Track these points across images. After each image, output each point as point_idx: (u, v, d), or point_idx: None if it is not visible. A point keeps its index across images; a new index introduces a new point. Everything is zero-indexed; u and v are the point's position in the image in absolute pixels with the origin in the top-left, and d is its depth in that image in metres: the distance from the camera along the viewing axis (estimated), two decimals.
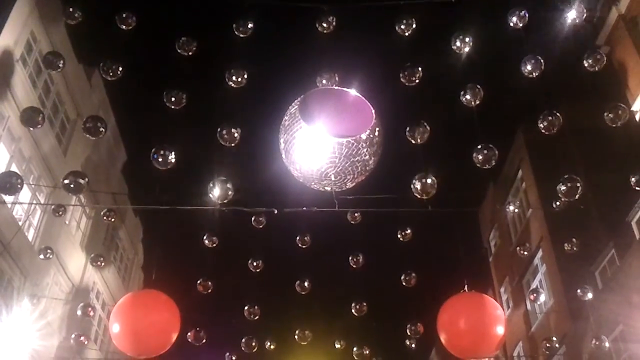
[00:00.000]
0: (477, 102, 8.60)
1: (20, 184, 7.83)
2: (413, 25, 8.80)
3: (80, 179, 7.73)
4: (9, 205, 16.69)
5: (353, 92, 5.00)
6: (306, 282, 13.93)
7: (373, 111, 4.81)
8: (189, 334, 13.57)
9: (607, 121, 8.24)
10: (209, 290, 13.45)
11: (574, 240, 12.68)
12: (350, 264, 13.29)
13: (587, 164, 19.87)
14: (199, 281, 13.37)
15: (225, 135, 8.60)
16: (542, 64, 8.45)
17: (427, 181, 7.26)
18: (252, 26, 8.96)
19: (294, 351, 19.02)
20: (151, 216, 23.68)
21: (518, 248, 15.66)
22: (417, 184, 7.28)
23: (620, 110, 8.18)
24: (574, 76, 13.38)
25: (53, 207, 14.23)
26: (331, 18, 8.82)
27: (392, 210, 11.21)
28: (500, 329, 7.38)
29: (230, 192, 7.62)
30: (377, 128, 4.77)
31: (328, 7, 8.84)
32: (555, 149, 18.88)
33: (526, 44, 8.65)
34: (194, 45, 9.08)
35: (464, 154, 8.74)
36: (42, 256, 14.73)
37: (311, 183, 4.96)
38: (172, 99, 8.87)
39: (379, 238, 16.62)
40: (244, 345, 14.29)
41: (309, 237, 13.42)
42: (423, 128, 8.56)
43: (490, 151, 7.72)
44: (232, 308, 15.47)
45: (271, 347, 15.53)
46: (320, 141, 4.59)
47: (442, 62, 9.61)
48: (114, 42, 9.09)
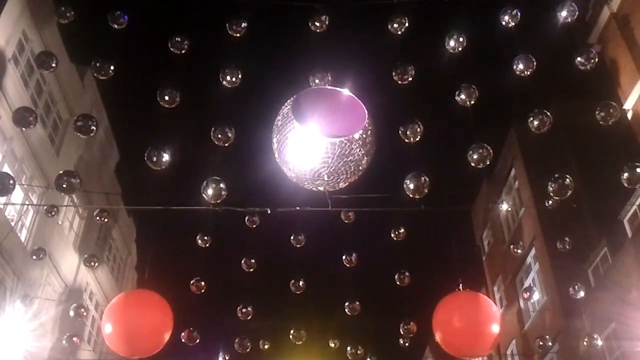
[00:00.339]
0: (472, 102, 8.61)
1: (12, 185, 7.78)
2: (406, 24, 8.81)
3: (73, 179, 7.71)
4: (1, 206, 16.62)
5: (346, 92, 5.00)
6: (300, 282, 13.91)
7: (366, 111, 4.81)
8: (183, 334, 13.54)
9: (598, 120, 8.27)
10: (202, 290, 13.41)
11: (566, 239, 12.72)
12: (344, 263, 13.28)
13: (580, 162, 19.97)
14: (192, 281, 13.33)
15: (219, 135, 8.58)
16: (534, 63, 8.48)
17: (420, 181, 7.27)
18: (245, 25, 8.94)
19: (288, 351, 19.00)
20: (144, 216, 23.65)
21: (511, 246, 15.69)
22: (409, 183, 7.30)
23: (611, 109, 8.20)
24: (567, 74, 13.41)
25: (45, 207, 14.16)
26: (324, 17, 8.82)
27: (386, 210, 11.21)
28: (496, 328, 7.41)
29: (223, 192, 7.59)
30: (369, 128, 4.77)
31: (321, 5, 8.83)
32: (548, 148, 18.94)
33: (518, 42, 8.67)
34: (187, 44, 9.06)
35: (457, 153, 8.76)
36: (34, 257, 14.66)
37: (304, 183, 4.96)
38: (166, 98, 8.84)
39: (372, 237, 16.63)
40: (237, 345, 14.27)
41: (303, 237, 13.41)
42: (416, 127, 8.56)
43: (484, 151, 7.70)
44: (226, 308, 15.45)
45: (265, 347, 15.52)
46: (313, 141, 4.59)
47: (434, 60, 9.63)
48: (106, 41, 9.05)
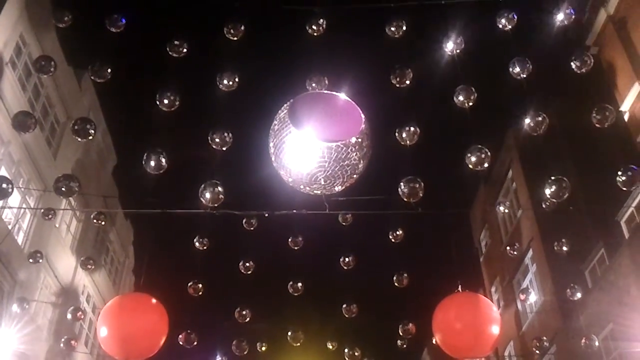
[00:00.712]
0: (470, 104, 8.64)
1: (10, 189, 7.79)
2: (403, 27, 8.84)
3: (71, 183, 7.73)
4: None
5: (342, 96, 5.02)
6: (298, 284, 13.93)
7: (362, 115, 4.83)
8: (180, 336, 13.54)
9: (594, 122, 8.31)
10: (200, 293, 13.42)
11: (563, 241, 12.75)
12: (342, 265, 13.31)
13: (577, 163, 19.99)
14: (190, 283, 13.34)
15: (217, 139, 8.60)
16: (530, 66, 8.51)
17: (414, 185, 7.30)
18: (242, 29, 8.96)
19: (286, 353, 19.03)
20: (142, 219, 23.61)
21: (508, 248, 15.72)
22: (404, 188, 7.33)
23: (607, 112, 8.24)
24: (564, 77, 13.46)
25: (43, 210, 14.16)
26: (321, 20, 8.83)
27: (383, 212, 11.24)
28: (496, 329, 7.43)
29: (221, 196, 7.60)
30: (366, 132, 4.79)
31: (319, 9, 8.85)
32: (545, 149, 18.97)
33: (515, 45, 8.71)
34: (185, 48, 9.07)
35: (455, 155, 8.79)
36: (31, 260, 14.66)
37: (301, 187, 4.97)
38: (165, 102, 8.85)
39: (370, 239, 16.67)
40: (235, 347, 14.27)
41: (300, 239, 13.44)
42: (412, 130, 8.58)
43: (482, 153, 7.69)
44: (224, 310, 15.46)
45: (263, 349, 15.53)
46: (310, 145, 4.61)
47: (432, 63, 9.66)
48: (104, 44, 9.06)
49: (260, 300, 15.92)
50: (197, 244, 12.86)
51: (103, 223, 15.86)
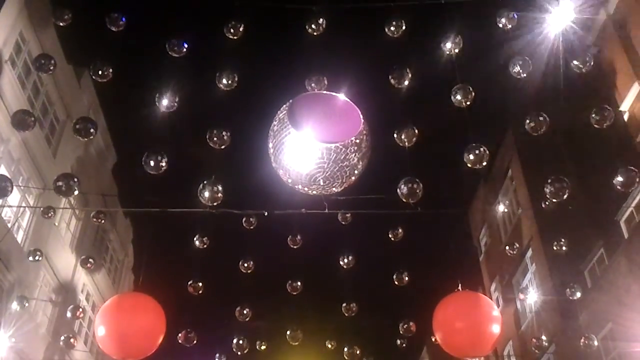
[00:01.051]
0: (468, 103, 8.63)
1: (10, 188, 7.80)
2: (403, 27, 8.83)
3: (71, 181, 7.73)
4: None
5: (341, 97, 5.02)
6: (297, 283, 13.94)
7: (361, 116, 4.83)
8: (180, 335, 13.55)
9: (593, 122, 8.32)
10: (200, 292, 13.43)
11: (562, 240, 12.76)
12: (341, 264, 13.31)
13: (577, 163, 19.97)
14: (189, 282, 13.35)
15: (215, 138, 8.59)
16: (530, 65, 8.51)
17: (412, 186, 7.31)
18: (241, 28, 8.95)
19: (285, 351, 19.03)
20: (141, 217, 23.61)
21: (507, 248, 15.72)
22: (402, 188, 7.34)
23: (605, 112, 8.25)
24: (564, 76, 13.47)
25: (42, 209, 14.16)
26: (321, 20, 8.82)
27: (382, 212, 11.24)
28: (497, 328, 7.42)
29: (219, 195, 7.61)
30: (365, 132, 4.79)
31: (318, 8, 8.84)
32: (544, 149, 18.96)
33: (515, 44, 8.72)
34: (184, 47, 9.06)
35: (454, 154, 8.78)
36: (31, 258, 14.67)
37: (300, 187, 4.98)
38: (164, 103, 8.83)
39: (370, 238, 16.67)
40: (234, 346, 14.28)
41: (299, 238, 13.44)
42: (411, 131, 8.58)
43: (481, 151, 7.70)
44: (223, 309, 15.46)
45: (262, 348, 15.53)
46: (309, 146, 4.61)
47: (431, 62, 9.65)
48: (104, 43, 9.06)
49: (260, 299, 15.91)
50: (197, 242, 12.86)
51: (102, 222, 15.90)
